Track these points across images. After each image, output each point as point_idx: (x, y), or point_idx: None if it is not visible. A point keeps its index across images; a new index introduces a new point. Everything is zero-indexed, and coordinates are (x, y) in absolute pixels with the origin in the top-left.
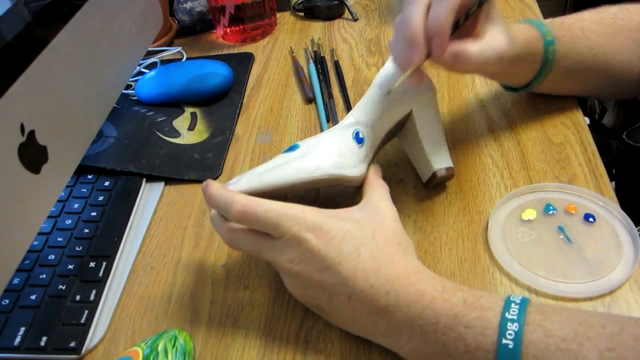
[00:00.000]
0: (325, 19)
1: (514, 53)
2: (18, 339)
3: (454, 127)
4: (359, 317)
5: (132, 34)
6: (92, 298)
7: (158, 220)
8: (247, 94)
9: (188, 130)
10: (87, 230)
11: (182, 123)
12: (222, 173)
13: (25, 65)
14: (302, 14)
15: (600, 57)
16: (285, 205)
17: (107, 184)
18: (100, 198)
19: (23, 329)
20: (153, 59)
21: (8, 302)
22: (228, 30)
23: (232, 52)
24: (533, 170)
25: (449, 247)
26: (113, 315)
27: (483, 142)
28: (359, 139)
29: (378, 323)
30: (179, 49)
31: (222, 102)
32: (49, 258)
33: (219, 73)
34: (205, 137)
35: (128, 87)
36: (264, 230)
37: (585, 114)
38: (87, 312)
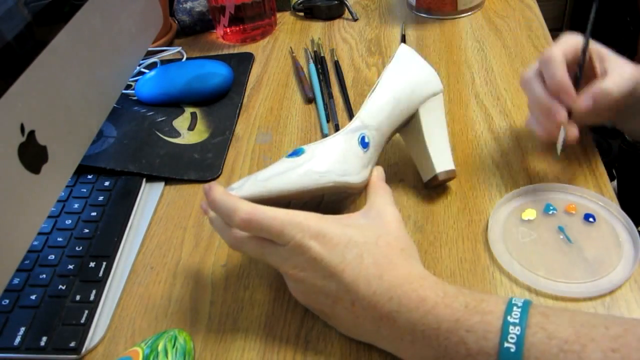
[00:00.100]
0: (325, 19)
1: None
2: (18, 339)
3: (454, 127)
4: (362, 323)
5: (132, 34)
6: (92, 298)
7: (158, 220)
8: (247, 94)
9: (188, 130)
10: (87, 230)
11: (182, 123)
12: (222, 173)
13: (25, 65)
14: (302, 14)
15: None
16: (289, 213)
17: (107, 184)
18: (100, 198)
19: (23, 329)
20: (153, 59)
21: (8, 302)
22: (228, 30)
23: (232, 52)
24: (533, 170)
25: (449, 247)
26: (113, 315)
27: (483, 142)
28: (365, 144)
29: (381, 329)
30: (179, 49)
31: (222, 102)
32: (49, 258)
33: (219, 73)
34: (205, 137)
35: (128, 87)
36: (269, 238)
37: None
38: (87, 312)
